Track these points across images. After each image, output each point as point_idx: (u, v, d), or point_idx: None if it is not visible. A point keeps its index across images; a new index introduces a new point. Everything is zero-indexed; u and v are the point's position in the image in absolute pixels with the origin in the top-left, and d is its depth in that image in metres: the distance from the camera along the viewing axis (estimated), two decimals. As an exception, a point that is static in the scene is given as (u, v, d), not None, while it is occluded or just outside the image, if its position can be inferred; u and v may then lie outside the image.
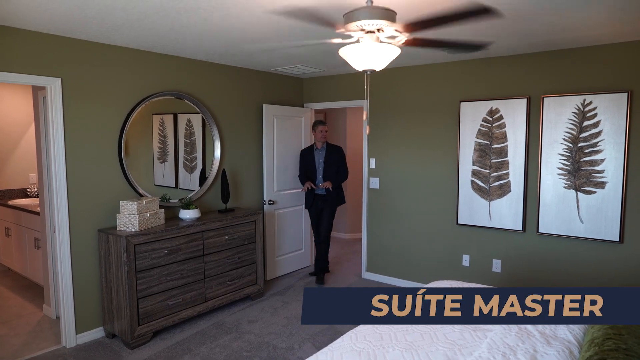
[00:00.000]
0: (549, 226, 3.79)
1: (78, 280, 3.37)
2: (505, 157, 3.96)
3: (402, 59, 4.08)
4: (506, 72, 3.93)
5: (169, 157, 4.04)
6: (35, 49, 3.04)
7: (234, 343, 3.39)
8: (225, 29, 2.99)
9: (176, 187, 4.09)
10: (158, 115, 3.91)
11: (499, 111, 3.96)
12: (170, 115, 4.04)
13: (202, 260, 3.76)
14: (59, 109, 3.19)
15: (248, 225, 4.18)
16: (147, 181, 3.82)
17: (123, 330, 3.30)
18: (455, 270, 4.34)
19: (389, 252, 4.79)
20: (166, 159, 4.02)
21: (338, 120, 6.84)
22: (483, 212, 4.12)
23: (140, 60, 3.65)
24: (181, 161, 4.14)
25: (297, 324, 3.72)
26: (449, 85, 4.25)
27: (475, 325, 2.10)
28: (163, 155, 3.99)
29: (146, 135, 3.85)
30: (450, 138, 4.27)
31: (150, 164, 3.89)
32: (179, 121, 4.11)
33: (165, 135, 4.01)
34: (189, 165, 4.20)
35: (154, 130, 3.92)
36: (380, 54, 2.04)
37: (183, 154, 4.15)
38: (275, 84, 4.95)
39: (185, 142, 4.16)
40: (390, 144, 4.68)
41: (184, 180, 4.16)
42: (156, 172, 3.94)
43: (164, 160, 4.00)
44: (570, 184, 3.66)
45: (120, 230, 3.36)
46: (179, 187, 4.11)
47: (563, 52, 3.64)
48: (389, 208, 4.74)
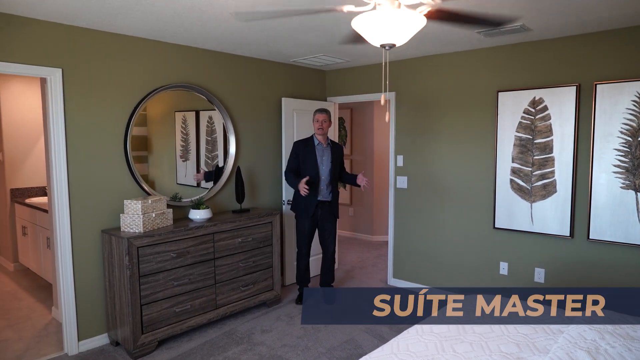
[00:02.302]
0: (602, 232, 3.30)
1: (81, 283, 3.17)
2: (550, 153, 3.50)
3: (430, 45, 3.69)
4: (551, 57, 3.47)
5: (190, 156, 3.85)
6: (34, 38, 2.85)
7: (243, 356, 3.10)
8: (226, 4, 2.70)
9: (198, 186, 3.90)
10: (180, 112, 3.73)
11: (543, 101, 3.50)
12: (192, 112, 3.84)
13: (212, 264, 3.50)
14: (59, 101, 3.00)
15: (264, 226, 3.89)
16: (169, 180, 3.69)
17: (126, 339, 3.07)
18: (491, 279, 3.90)
19: (418, 257, 4.39)
20: (188, 157, 3.84)
21: (365, 116, 6.48)
22: (524, 214, 3.67)
23: (145, 50, 3.42)
24: (203, 159, 3.94)
25: (314, 336, 3.40)
26: (484, 74, 3.82)
27: (518, 354, 1.71)
28: (185, 154, 3.81)
29: (169, 133, 3.71)
30: (487, 132, 3.84)
31: (173, 163, 3.76)
32: (201, 118, 3.89)
33: (188, 133, 3.83)
34: (210, 163, 3.99)
35: (177, 128, 3.73)
36: (402, 23, 1.69)
37: (204, 152, 3.94)
38: (295, 77, 4.65)
39: (207, 140, 3.94)
40: (419, 140, 4.28)
41: (205, 182, 3.97)
42: (179, 171, 3.79)
43: (186, 159, 3.83)
44: (629, 184, 3.17)
45: (123, 232, 3.13)
46: (200, 186, 3.91)
47: (619, 32, 3.16)
48: (418, 209, 4.35)
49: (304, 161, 3.89)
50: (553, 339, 1.81)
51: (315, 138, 3.94)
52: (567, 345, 1.67)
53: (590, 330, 1.78)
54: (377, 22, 1.70)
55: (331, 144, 4.01)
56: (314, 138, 3.95)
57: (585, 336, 1.73)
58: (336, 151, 4.02)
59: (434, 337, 1.88)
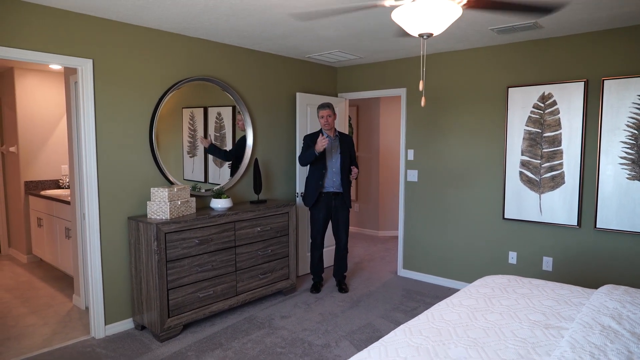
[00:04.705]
0: (609, 221, 3.46)
1: (107, 269, 3.26)
2: (558, 146, 3.65)
3: (444, 43, 3.83)
4: (560, 54, 3.62)
5: (198, 152, 3.91)
6: (66, 29, 2.94)
7: (267, 339, 3.21)
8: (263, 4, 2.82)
9: (205, 181, 3.97)
10: (188, 109, 3.79)
11: (552, 96, 3.66)
12: (200, 108, 3.91)
13: (233, 251, 3.60)
14: (90, 91, 3.09)
15: (281, 217, 4.00)
16: (176, 175, 3.70)
17: (152, 322, 3.17)
18: (500, 268, 4.04)
19: (428, 248, 4.52)
20: (196, 153, 3.89)
21: (371, 113, 6.61)
22: (533, 205, 3.81)
23: (171, 44, 3.53)
24: (211, 155, 4.00)
25: (333, 321, 3.51)
26: (494, 70, 3.97)
27: (546, 322, 1.84)
28: (193, 150, 3.86)
29: (176, 129, 3.74)
30: (497, 126, 3.98)
31: (179, 158, 3.78)
32: (209, 114, 3.97)
33: (195, 129, 3.88)
34: (218, 159, 4.06)
35: (184, 124, 3.79)
36: (439, 13, 1.82)
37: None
38: (308, 73, 4.77)
39: (215, 136, 4.02)
40: (430, 134, 4.42)
41: (214, 175, 4.03)
42: (185, 167, 3.82)
43: (193, 155, 3.87)
44: (635, 174, 3.33)
45: (150, 218, 3.23)
46: (208, 182, 3.98)
47: (626, 30, 3.32)
48: (428, 201, 4.48)
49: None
50: (576, 310, 1.95)
51: (323, 131, 4.08)
52: (591, 313, 1.81)
53: (611, 300, 1.92)
54: (416, 12, 1.83)
55: (340, 135, 4.13)
56: (322, 131, 4.09)
57: (607, 305, 1.87)
58: (345, 142, 4.13)
59: (464, 309, 2.01)
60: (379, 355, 1.58)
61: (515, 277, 2.52)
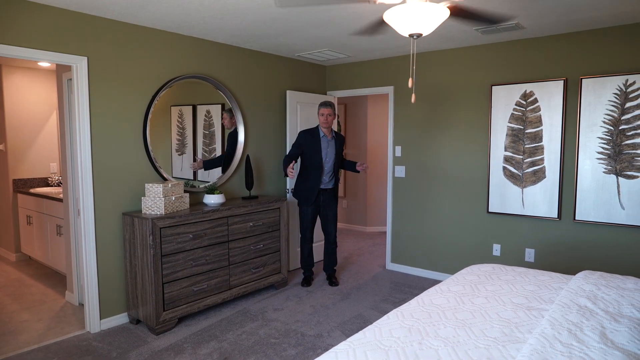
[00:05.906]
0: (587, 213, 3.63)
1: (102, 264, 3.30)
2: (540, 142, 3.81)
3: (430, 42, 3.96)
4: (541, 53, 3.78)
5: (187, 149, 3.93)
6: (62, 26, 2.98)
7: (260, 330, 3.29)
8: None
9: (194, 179, 3.99)
10: (177, 107, 3.81)
11: (534, 94, 3.81)
12: (189, 106, 3.93)
13: (226, 246, 3.67)
14: (84, 88, 3.13)
15: (272, 212, 4.08)
16: (165, 173, 3.72)
17: (148, 316, 3.22)
18: (485, 260, 4.20)
19: (415, 242, 4.66)
20: (184, 151, 3.91)
21: (359, 110, 6.73)
22: (515, 199, 3.97)
23: (165, 42, 3.58)
24: (200, 153, 4.03)
25: (324, 313, 3.61)
26: (479, 69, 4.11)
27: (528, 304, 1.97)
28: (181, 147, 3.89)
29: (164, 127, 3.74)
30: (481, 123, 4.13)
31: (168, 156, 3.78)
32: (198, 112, 4.01)
33: (184, 127, 3.90)
34: (208, 156, 4.10)
35: (173, 122, 3.81)
36: (429, 15, 1.93)
37: (202, 145, 4.04)
38: (298, 71, 4.86)
39: (204, 134, 4.05)
40: (418, 131, 4.55)
41: (203, 172, 4.06)
42: (174, 164, 3.84)
43: (182, 153, 3.89)
44: (611, 169, 3.50)
45: (145, 214, 3.28)
46: (197, 179, 4.01)
47: (604, 31, 3.49)
48: (415, 197, 4.62)
49: (309, 152, 4.09)
50: (556, 293, 2.08)
51: (320, 130, 4.14)
52: (569, 295, 1.94)
53: (588, 284, 2.06)
54: (407, 13, 1.94)
55: (335, 135, 4.24)
56: (319, 130, 4.15)
57: (584, 288, 2.01)
58: (339, 142, 4.26)
59: (452, 295, 2.13)
60: (373, 336, 1.68)
61: (499, 266, 2.66)
